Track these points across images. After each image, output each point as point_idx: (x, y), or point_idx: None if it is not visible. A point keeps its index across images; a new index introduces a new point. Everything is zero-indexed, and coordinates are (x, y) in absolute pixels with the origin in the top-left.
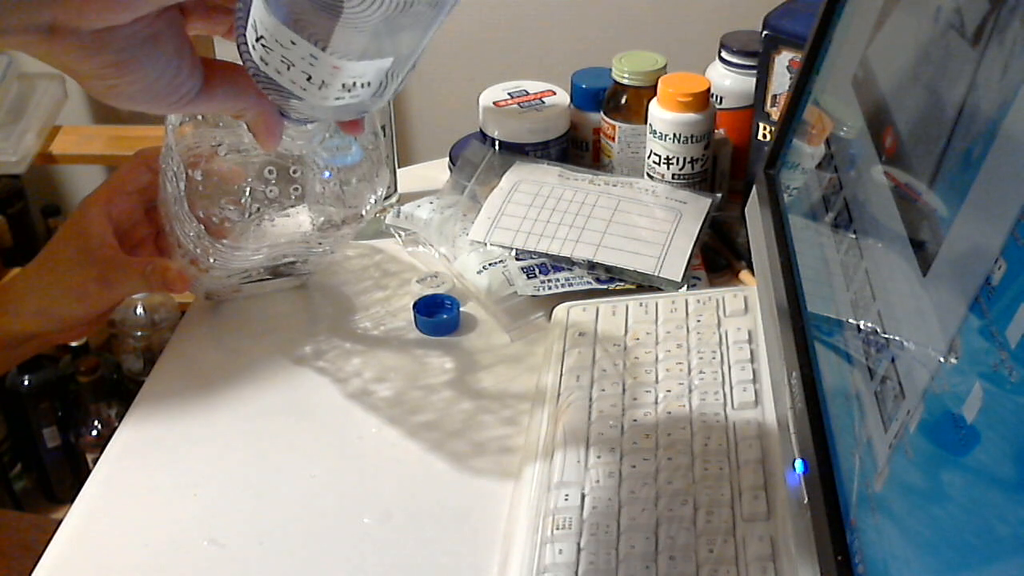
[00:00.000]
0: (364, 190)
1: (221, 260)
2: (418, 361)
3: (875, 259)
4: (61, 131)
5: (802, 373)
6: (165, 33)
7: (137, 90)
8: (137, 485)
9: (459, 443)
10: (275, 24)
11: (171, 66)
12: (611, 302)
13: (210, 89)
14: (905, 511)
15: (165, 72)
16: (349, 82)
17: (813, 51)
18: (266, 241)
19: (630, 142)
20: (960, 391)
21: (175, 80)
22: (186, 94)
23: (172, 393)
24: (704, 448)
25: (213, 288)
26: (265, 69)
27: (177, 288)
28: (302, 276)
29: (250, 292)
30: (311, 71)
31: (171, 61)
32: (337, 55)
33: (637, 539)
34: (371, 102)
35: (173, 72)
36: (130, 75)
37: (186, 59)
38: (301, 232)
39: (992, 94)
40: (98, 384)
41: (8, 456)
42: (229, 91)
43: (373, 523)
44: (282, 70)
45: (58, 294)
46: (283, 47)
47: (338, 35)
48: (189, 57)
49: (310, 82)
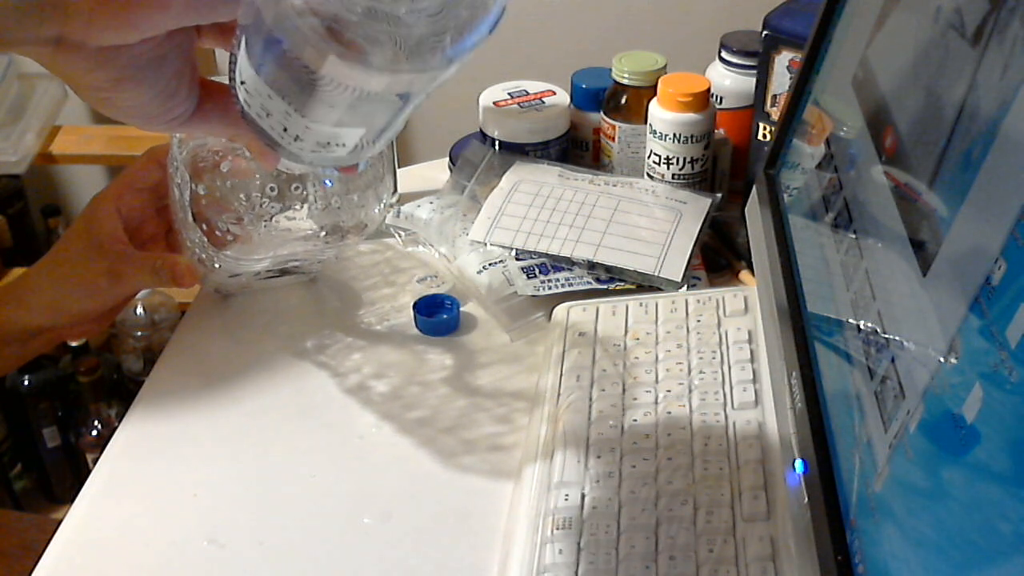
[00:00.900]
0: (368, 200)
1: (226, 266)
2: (419, 360)
3: (875, 259)
4: (61, 131)
5: (802, 373)
6: (170, 55)
7: (130, 107)
8: (137, 485)
9: (459, 443)
10: (254, 77)
11: (168, 88)
12: (611, 302)
13: (203, 113)
14: (905, 511)
15: (161, 93)
16: (324, 141)
17: (813, 51)
18: (270, 251)
19: (630, 142)
20: (960, 391)
21: (169, 102)
22: (179, 116)
23: (172, 393)
24: (704, 448)
25: (222, 283)
26: (248, 111)
27: (186, 282)
28: (311, 273)
29: (260, 287)
30: (287, 124)
31: (169, 83)
32: (310, 120)
33: (637, 539)
34: (348, 158)
35: (169, 94)
36: (126, 92)
37: (184, 83)
38: (304, 241)
39: (992, 94)
40: (98, 384)
41: (8, 456)
42: (222, 117)
43: (373, 523)
44: (262, 115)
45: (69, 288)
46: (262, 97)
47: (311, 106)
48: (188, 80)
49: (286, 132)
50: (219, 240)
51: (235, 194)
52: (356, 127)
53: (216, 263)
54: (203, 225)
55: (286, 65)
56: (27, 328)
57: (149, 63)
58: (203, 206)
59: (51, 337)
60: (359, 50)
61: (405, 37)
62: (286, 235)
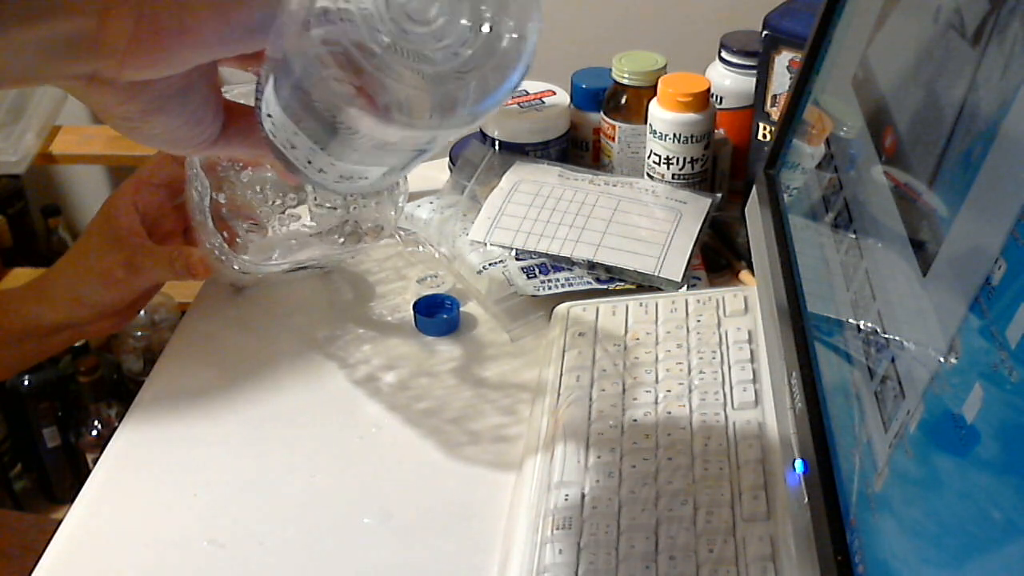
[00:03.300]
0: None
1: (245, 268)
2: (419, 360)
3: (875, 259)
4: (61, 131)
5: (802, 373)
6: (197, 84)
7: (159, 134)
8: (137, 485)
9: (459, 442)
10: (281, 115)
11: (195, 115)
12: (611, 302)
13: (228, 136)
14: (905, 511)
15: (189, 120)
16: (348, 175)
17: (813, 51)
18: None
19: (630, 142)
20: (960, 391)
21: (196, 128)
22: (204, 141)
23: (172, 393)
24: (704, 448)
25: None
26: (273, 140)
27: (200, 275)
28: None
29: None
30: (312, 158)
31: (196, 111)
32: (334, 158)
33: (637, 539)
34: (372, 187)
35: (196, 120)
36: (154, 121)
37: (210, 108)
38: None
39: (992, 94)
40: (98, 384)
41: (8, 456)
42: (246, 140)
43: (373, 523)
44: (287, 147)
45: (88, 280)
46: (288, 133)
47: (335, 146)
48: (214, 106)
49: (311, 165)
50: (238, 246)
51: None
52: (378, 166)
53: (235, 266)
54: (224, 232)
55: (311, 109)
56: (48, 324)
57: (177, 93)
58: (223, 213)
59: (71, 334)
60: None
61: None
62: (303, 236)
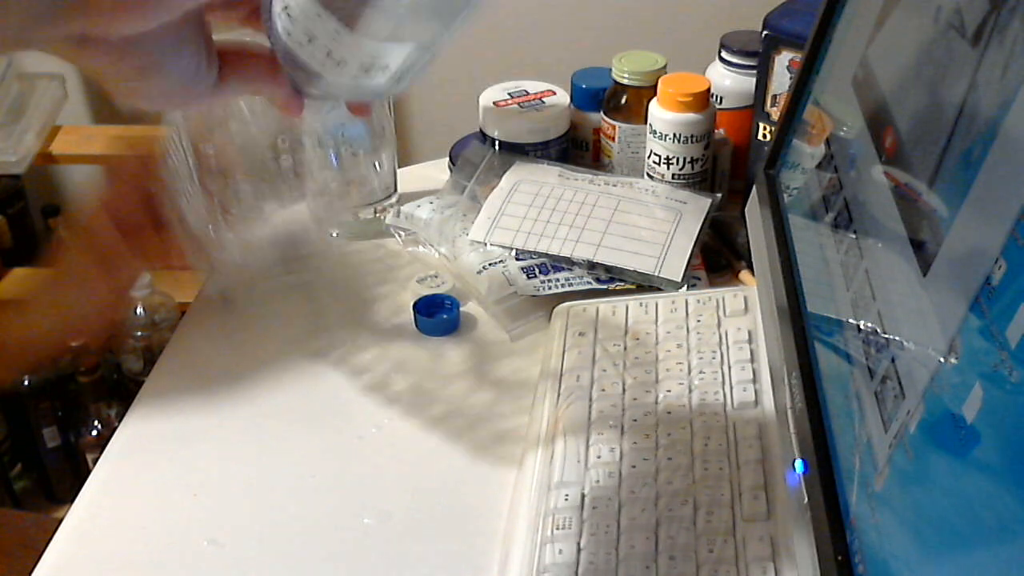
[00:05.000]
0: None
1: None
2: (419, 360)
3: (875, 259)
4: (61, 131)
5: (802, 373)
6: (189, 35)
7: (159, 93)
8: (137, 485)
9: (459, 442)
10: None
11: (191, 67)
12: (611, 302)
13: (223, 82)
14: (905, 511)
15: (185, 72)
16: (368, 63)
17: (813, 51)
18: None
19: (630, 142)
20: (960, 391)
21: (194, 80)
22: (203, 92)
23: (172, 393)
24: (704, 448)
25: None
26: (287, 40)
27: (176, 261)
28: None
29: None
30: (332, 46)
31: (191, 61)
32: (360, 34)
33: (637, 539)
34: (386, 86)
35: (192, 73)
36: (153, 80)
37: (204, 59)
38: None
39: (992, 94)
40: (98, 384)
41: (8, 456)
42: (240, 79)
43: (373, 523)
44: (303, 42)
45: (63, 286)
46: (308, 19)
47: (367, 15)
48: (207, 56)
49: (329, 57)
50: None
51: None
52: (405, 42)
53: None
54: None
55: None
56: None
57: (171, 46)
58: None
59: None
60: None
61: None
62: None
